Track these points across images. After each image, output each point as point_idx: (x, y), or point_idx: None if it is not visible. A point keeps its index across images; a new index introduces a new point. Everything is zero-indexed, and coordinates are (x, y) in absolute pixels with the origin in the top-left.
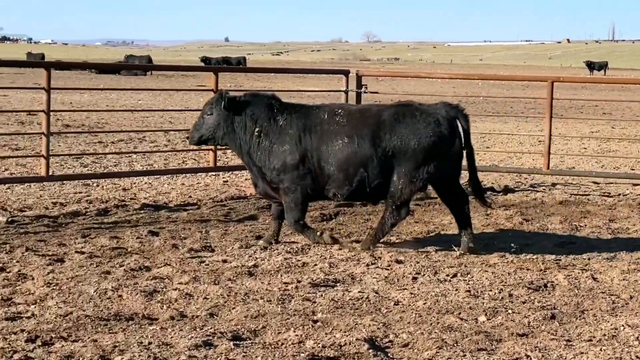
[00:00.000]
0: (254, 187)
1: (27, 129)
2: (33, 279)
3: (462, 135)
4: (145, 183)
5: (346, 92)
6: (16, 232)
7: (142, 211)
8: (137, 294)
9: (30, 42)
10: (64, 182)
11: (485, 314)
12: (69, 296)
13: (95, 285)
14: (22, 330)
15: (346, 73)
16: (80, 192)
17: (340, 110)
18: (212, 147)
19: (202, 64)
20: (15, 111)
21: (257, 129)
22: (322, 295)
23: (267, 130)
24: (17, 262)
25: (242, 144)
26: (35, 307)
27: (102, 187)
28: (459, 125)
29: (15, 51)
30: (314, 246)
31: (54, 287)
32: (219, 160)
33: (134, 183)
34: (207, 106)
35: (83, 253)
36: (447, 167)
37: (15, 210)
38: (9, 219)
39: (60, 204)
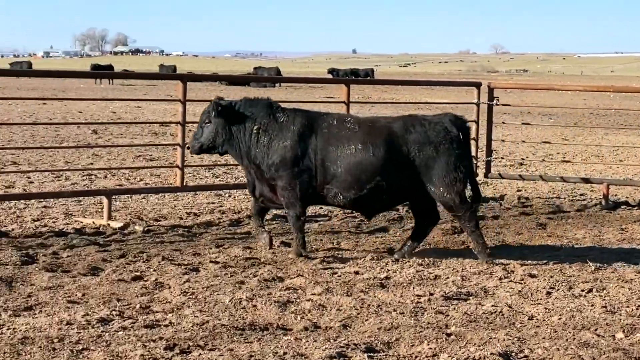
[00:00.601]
0: (251, 191)
1: (160, 139)
2: (170, 287)
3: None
4: None
5: (477, 104)
6: (152, 241)
7: (273, 222)
8: (271, 304)
9: (162, 54)
10: (197, 192)
11: (623, 331)
12: (204, 305)
13: (230, 294)
14: (161, 338)
15: (478, 85)
16: (213, 203)
17: (348, 118)
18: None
19: (330, 76)
20: (150, 122)
21: (256, 126)
22: (455, 308)
23: (267, 127)
24: (154, 270)
25: (241, 146)
26: (172, 315)
27: (234, 197)
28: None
29: (148, 63)
30: (446, 259)
31: (190, 296)
32: None
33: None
34: (204, 115)
35: (217, 263)
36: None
37: (151, 219)
38: (145, 229)
39: (194, 214)
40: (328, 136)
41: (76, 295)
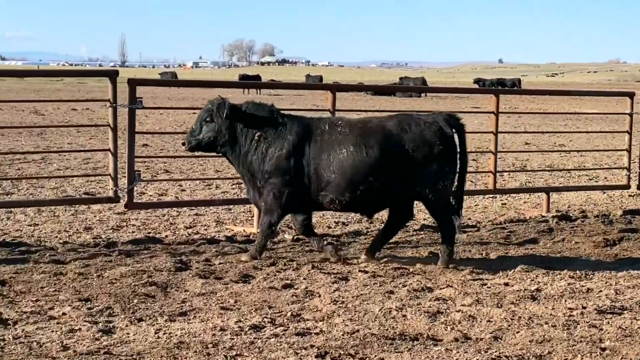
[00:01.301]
0: (249, 197)
1: None
2: (320, 296)
3: (458, 145)
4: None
5: (631, 114)
6: (301, 249)
7: (421, 232)
8: (421, 314)
9: (308, 65)
10: None
11: None
12: (354, 314)
13: (380, 304)
14: (312, 346)
15: (631, 95)
16: None
17: (341, 122)
18: None
19: (476, 86)
20: None
21: (257, 133)
22: (609, 322)
23: (267, 135)
24: (304, 279)
25: (241, 150)
26: (323, 323)
27: None
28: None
29: (294, 73)
30: (598, 271)
31: (340, 305)
32: (498, 182)
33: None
34: (206, 113)
35: (366, 272)
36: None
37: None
38: (295, 237)
39: (342, 224)
40: (321, 143)
41: (229, 302)
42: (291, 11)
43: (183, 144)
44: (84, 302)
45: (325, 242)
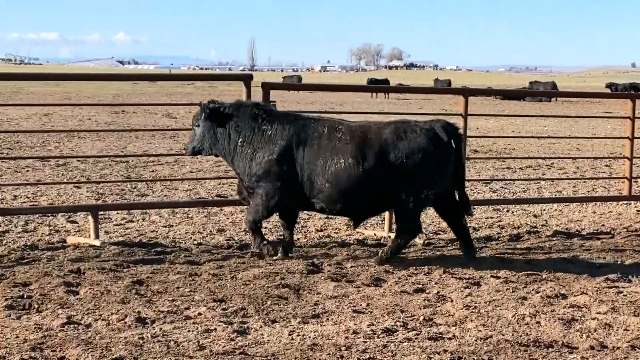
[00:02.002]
0: (239, 194)
1: None
2: (452, 301)
3: (455, 152)
4: (555, 210)
5: None
6: (432, 254)
7: (554, 238)
8: (555, 321)
9: (436, 69)
10: (475, 206)
11: None
12: (487, 320)
13: (513, 310)
14: (445, 351)
15: None
16: (491, 217)
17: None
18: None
19: (608, 90)
20: None
21: (240, 140)
22: None
23: (251, 139)
24: (436, 283)
25: (226, 154)
26: (455, 328)
27: (512, 212)
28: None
29: (422, 77)
30: None
31: (473, 310)
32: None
33: (544, 209)
34: (193, 119)
35: (498, 278)
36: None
37: (430, 232)
38: (426, 242)
39: (473, 228)
40: (316, 148)
41: (361, 305)
42: (419, 15)
43: (184, 149)
44: (218, 303)
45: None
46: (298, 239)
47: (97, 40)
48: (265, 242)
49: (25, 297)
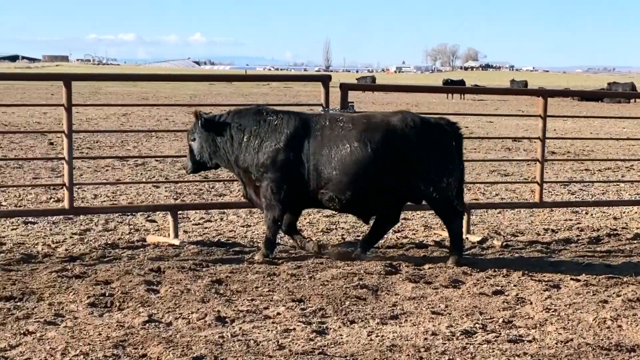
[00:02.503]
0: (244, 196)
1: (513, 155)
2: (531, 303)
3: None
4: (636, 212)
5: None
6: (511, 256)
7: (635, 241)
8: (637, 325)
9: (512, 70)
10: (553, 208)
11: None
12: (567, 323)
13: (594, 313)
14: (525, 354)
15: None
16: (570, 220)
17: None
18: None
19: None
20: (504, 137)
21: (245, 136)
22: None
23: (257, 132)
24: (515, 286)
25: (229, 156)
26: (535, 331)
27: (592, 215)
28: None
29: (498, 78)
30: None
31: (553, 313)
32: None
33: (624, 212)
34: (189, 134)
35: (579, 280)
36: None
37: (508, 234)
38: (504, 243)
39: (552, 231)
40: (321, 139)
41: (439, 306)
42: (495, 16)
43: (185, 168)
44: (297, 303)
45: (307, 240)
46: None
47: (174, 41)
48: (300, 240)
49: (107, 295)
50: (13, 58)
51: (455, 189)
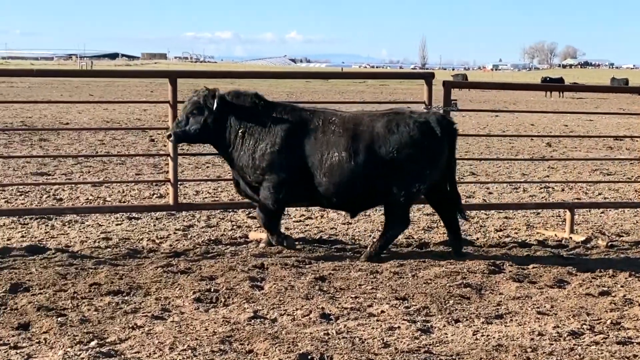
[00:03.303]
0: (235, 186)
1: (615, 154)
2: (639, 304)
3: (448, 147)
4: None
5: None
6: (616, 256)
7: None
8: None
9: (612, 67)
10: None
11: None
12: None
13: None
14: (635, 356)
15: None
16: None
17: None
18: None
19: None
20: (605, 136)
21: (241, 130)
22: None
23: (253, 130)
24: (622, 286)
25: (227, 145)
26: None
27: None
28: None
29: (597, 76)
30: None
31: None
32: None
33: None
34: (193, 105)
35: None
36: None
37: (613, 234)
38: (609, 243)
39: None
40: (314, 139)
41: (545, 306)
42: (594, 13)
43: (169, 136)
44: (400, 301)
45: (284, 235)
46: (477, 238)
47: (270, 38)
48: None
49: (212, 290)
50: (113, 56)
51: (417, 195)
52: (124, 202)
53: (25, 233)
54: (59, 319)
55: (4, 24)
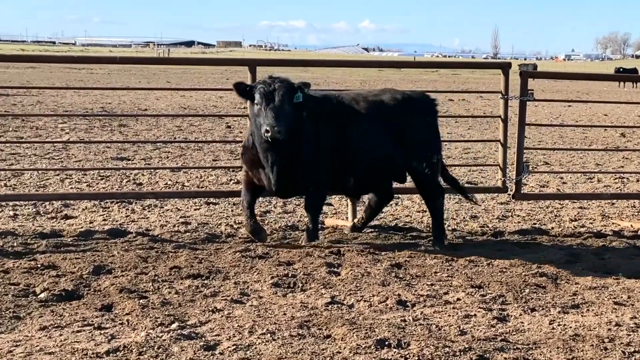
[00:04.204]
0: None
1: None
2: None
3: None
4: None
5: None
6: None
7: None
8: None
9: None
10: None
11: None
12: None
13: None
14: None
15: None
16: None
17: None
18: None
19: None
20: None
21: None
22: None
23: (313, 116)
24: None
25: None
26: None
27: None
28: None
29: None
30: None
31: None
32: None
33: None
34: (287, 95)
35: None
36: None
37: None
38: None
39: None
40: (338, 121)
41: (621, 297)
42: None
43: (274, 137)
44: (476, 289)
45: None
46: (552, 227)
47: (344, 28)
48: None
49: (289, 275)
50: (189, 43)
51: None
52: (202, 187)
53: (106, 216)
54: (141, 301)
55: (84, 12)
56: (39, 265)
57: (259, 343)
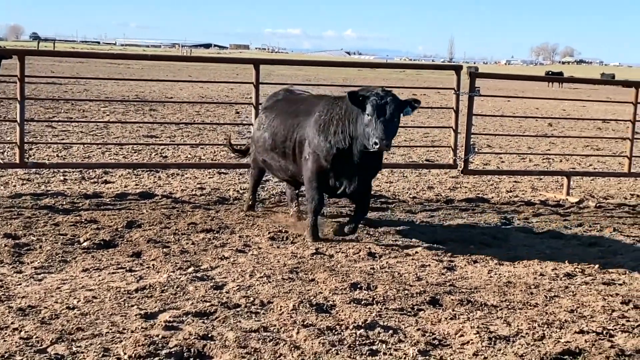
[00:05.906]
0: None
1: (603, 133)
2: (622, 254)
3: None
4: None
5: None
6: (603, 215)
7: None
8: None
9: (601, 64)
10: (638, 178)
11: None
12: None
13: None
14: (617, 294)
15: None
16: None
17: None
18: None
19: None
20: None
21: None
22: None
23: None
24: (607, 239)
25: None
26: (625, 277)
27: None
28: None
29: (588, 71)
30: None
31: (638, 262)
32: None
33: None
34: (399, 110)
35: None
36: None
37: (600, 197)
38: (597, 205)
39: (637, 196)
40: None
41: (545, 252)
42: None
43: (381, 149)
44: (431, 244)
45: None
46: (492, 197)
47: (332, 35)
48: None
49: (283, 231)
50: (207, 45)
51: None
52: (215, 160)
53: (138, 182)
54: (164, 249)
55: (123, 18)
56: (82, 220)
57: (258, 284)
